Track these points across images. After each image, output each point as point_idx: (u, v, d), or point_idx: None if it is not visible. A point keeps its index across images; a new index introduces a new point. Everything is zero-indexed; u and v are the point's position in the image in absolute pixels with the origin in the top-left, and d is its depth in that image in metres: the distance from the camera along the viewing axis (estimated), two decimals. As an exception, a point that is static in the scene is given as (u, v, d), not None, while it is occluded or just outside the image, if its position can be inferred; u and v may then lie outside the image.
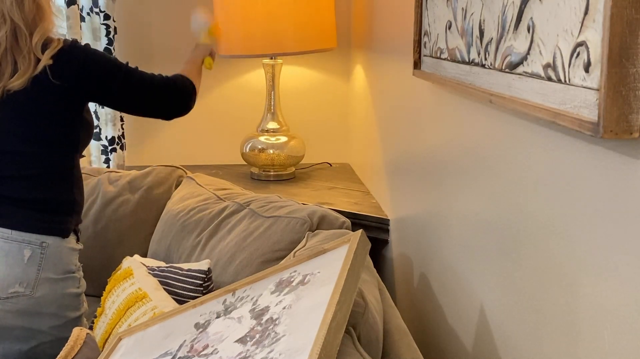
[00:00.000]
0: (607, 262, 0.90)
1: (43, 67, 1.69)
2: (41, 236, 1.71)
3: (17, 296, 1.69)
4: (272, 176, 2.68)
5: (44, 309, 1.71)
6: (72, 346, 1.47)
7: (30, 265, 1.69)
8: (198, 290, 1.65)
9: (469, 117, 1.42)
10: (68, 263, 1.74)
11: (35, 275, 1.69)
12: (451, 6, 1.42)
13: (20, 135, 1.73)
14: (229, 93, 2.95)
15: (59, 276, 1.72)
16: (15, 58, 1.70)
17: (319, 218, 1.77)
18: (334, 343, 1.01)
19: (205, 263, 1.69)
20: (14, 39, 1.70)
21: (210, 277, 1.68)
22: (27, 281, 1.68)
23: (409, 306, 1.95)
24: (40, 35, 1.71)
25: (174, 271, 1.70)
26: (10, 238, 1.69)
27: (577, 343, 0.98)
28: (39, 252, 1.70)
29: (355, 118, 2.85)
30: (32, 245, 1.70)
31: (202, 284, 1.66)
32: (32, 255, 1.69)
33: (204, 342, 1.21)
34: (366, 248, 1.28)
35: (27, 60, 1.70)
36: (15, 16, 1.69)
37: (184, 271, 1.69)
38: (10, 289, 1.68)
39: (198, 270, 1.67)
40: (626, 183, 0.85)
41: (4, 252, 1.69)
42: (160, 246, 2.04)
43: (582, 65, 0.87)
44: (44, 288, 1.70)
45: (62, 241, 1.74)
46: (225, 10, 2.57)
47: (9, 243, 1.69)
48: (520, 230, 1.16)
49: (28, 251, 1.70)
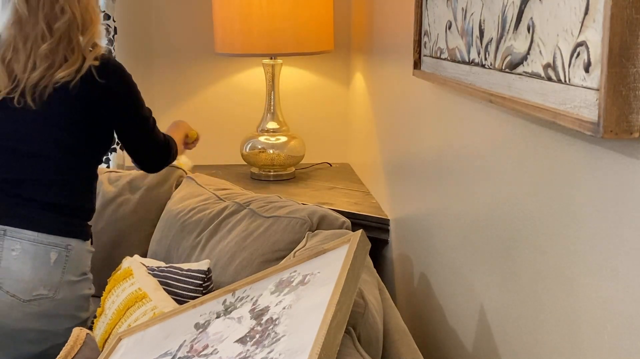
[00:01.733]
0: (607, 262, 0.90)
1: (88, 66, 1.72)
2: (66, 239, 1.72)
3: (40, 298, 1.69)
4: (272, 176, 2.67)
5: (61, 311, 1.72)
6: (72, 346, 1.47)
7: (56, 267, 1.70)
8: (198, 290, 1.65)
9: (469, 117, 1.42)
10: (85, 265, 1.77)
11: (60, 277, 1.70)
12: (451, 6, 1.42)
13: (57, 141, 1.76)
14: (229, 93, 2.95)
15: (78, 278, 1.75)
16: (66, 51, 1.72)
17: (319, 218, 1.77)
18: (334, 343, 1.01)
19: (205, 263, 1.69)
20: (68, 32, 1.73)
21: (210, 277, 1.68)
22: (50, 283, 1.69)
23: (409, 306, 1.95)
24: (90, 36, 1.76)
25: (174, 271, 1.70)
26: (37, 240, 1.70)
27: (577, 343, 0.98)
28: (64, 255, 1.71)
29: (355, 119, 2.85)
30: (58, 248, 1.71)
31: (201, 284, 1.65)
32: (58, 257, 1.71)
33: (203, 342, 1.21)
34: (366, 248, 1.28)
35: (74, 55, 1.73)
36: (76, 10, 1.73)
37: (183, 271, 1.69)
38: (35, 292, 1.69)
39: (198, 270, 1.67)
40: (626, 183, 0.85)
41: (31, 255, 1.69)
42: (160, 246, 2.04)
43: (582, 65, 0.87)
44: (65, 290, 1.71)
45: (83, 244, 1.77)
46: (224, 9, 2.58)
47: (36, 246, 1.70)
48: (520, 229, 1.16)
49: (54, 254, 1.71)
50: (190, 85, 2.93)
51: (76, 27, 1.73)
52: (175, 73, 2.92)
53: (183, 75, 2.92)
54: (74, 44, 1.73)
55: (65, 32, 1.72)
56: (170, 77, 2.92)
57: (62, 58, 1.72)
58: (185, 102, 2.94)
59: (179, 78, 2.92)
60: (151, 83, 2.87)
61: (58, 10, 1.71)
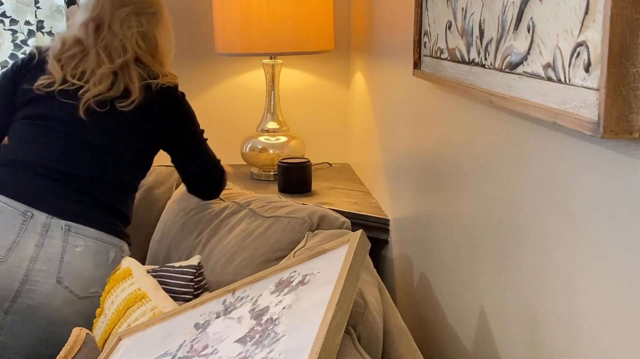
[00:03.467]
0: (607, 262, 0.90)
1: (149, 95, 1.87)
2: (120, 241, 1.80)
3: (94, 296, 1.72)
4: (272, 176, 2.67)
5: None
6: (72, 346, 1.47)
7: (112, 266, 1.74)
8: (189, 285, 1.66)
9: (469, 117, 1.42)
10: None
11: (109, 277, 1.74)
12: (451, 6, 1.42)
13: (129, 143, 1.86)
14: (228, 93, 2.94)
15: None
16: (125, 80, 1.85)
17: (318, 218, 1.77)
18: (334, 343, 1.01)
19: (196, 258, 1.71)
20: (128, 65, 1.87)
21: (201, 273, 1.69)
22: (104, 282, 1.71)
23: (409, 306, 1.95)
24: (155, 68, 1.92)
25: (166, 269, 1.72)
26: (99, 238, 1.75)
27: (577, 343, 0.98)
28: (120, 255, 1.77)
29: (356, 119, 2.85)
30: (115, 248, 1.78)
31: (192, 279, 1.66)
32: (115, 257, 1.76)
33: (203, 342, 1.21)
34: (366, 248, 1.28)
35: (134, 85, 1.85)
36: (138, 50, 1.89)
37: (175, 268, 1.71)
38: (91, 289, 1.73)
39: (188, 266, 1.69)
40: (626, 183, 0.85)
41: (93, 252, 1.74)
42: (161, 247, 2.04)
43: (582, 65, 0.87)
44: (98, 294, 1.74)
45: (127, 247, 1.84)
46: (224, 9, 2.58)
47: (98, 244, 1.75)
48: (520, 229, 1.16)
49: (112, 253, 1.77)
50: (190, 85, 2.92)
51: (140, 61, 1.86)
52: (175, 73, 2.91)
53: (183, 75, 2.89)
54: (133, 75, 1.83)
55: (125, 64, 1.84)
56: (170, 77, 2.91)
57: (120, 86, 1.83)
58: (185, 102, 2.94)
59: (179, 78, 2.92)
60: (151, 83, 2.87)
61: (120, 48, 1.85)
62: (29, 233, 1.71)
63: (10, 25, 2.71)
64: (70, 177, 1.79)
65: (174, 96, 1.89)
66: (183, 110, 1.92)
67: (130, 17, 1.86)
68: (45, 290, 1.69)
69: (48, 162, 1.79)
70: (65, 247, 1.71)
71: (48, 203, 1.74)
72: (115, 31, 1.85)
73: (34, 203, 1.73)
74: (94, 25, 1.85)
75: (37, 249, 1.69)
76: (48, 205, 1.74)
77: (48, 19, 2.67)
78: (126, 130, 1.84)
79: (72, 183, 1.79)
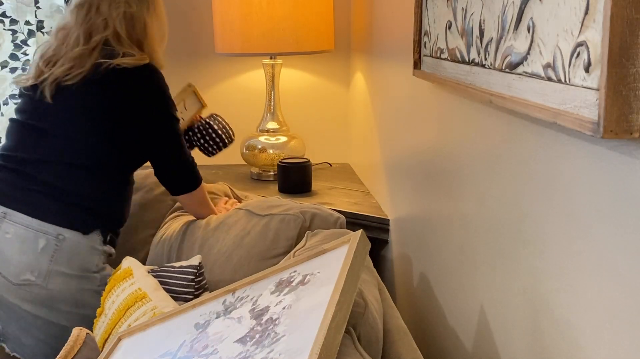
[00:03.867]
0: (607, 262, 0.90)
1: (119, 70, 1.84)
2: (59, 228, 1.75)
3: (29, 284, 1.73)
4: (272, 176, 2.67)
5: (59, 304, 1.76)
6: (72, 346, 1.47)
7: (43, 254, 1.74)
8: (190, 285, 1.66)
9: (469, 117, 1.42)
10: (89, 262, 1.78)
11: (47, 265, 1.74)
12: (451, 6, 1.42)
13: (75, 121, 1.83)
14: (228, 93, 2.94)
15: (76, 272, 1.77)
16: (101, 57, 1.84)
17: (312, 215, 1.80)
18: (334, 343, 1.01)
19: (196, 258, 1.71)
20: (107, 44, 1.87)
21: (202, 272, 1.69)
22: (38, 270, 1.73)
23: (409, 306, 1.95)
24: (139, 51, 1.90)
25: (167, 269, 1.72)
26: (29, 226, 1.75)
27: (577, 343, 0.98)
28: (54, 244, 1.74)
29: (356, 119, 2.85)
30: (48, 236, 1.75)
31: (193, 279, 1.67)
32: (47, 245, 1.74)
33: (203, 342, 1.21)
34: (366, 248, 1.28)
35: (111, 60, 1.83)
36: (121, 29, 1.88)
37: (176, 268, 1.71)
38: (22, 276, 1.73)
39: (189, 266, 1.69)
40: (626, 183, 0.85)
41: (21, 239, 1.74)
42: (161, 247, 2.05)
43: (582, 65, 0.87)
44: (57, 282, 1.74)
45: (83, 238, 1.78)
46: (224, 9, 2.58)
47: (27, 231, 1.75)
48: (520, 229, 1.16)
49: (43, 241, 1.75)
50: (190, 85, 2.93)
51: (117, 40, 1.85)
52: (175, 73, 2.91)
53: (183, 75, 2.91)
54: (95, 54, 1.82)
55: (100, 43, 1.83)
56: (170, 77, 2.89)
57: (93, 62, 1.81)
58: (185, 102, 2.94)
59: (179, 78, 2.91)
60: (151, 83, 2.87)
61: (101, 26, 1.85)
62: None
63: (10, 25, 2.71)
64: (23, 164, 1.82)
65: (127, 76, 1.82)
66: (138, 91, 1.85)
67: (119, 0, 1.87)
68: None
69: (9, 153, 1.86)
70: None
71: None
72: (102, 11, 1.86)
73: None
74: (85, 8, 1.87)
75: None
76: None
77: (48, 19, 2.67)
78: (73, 111, 1.83)
79: (24, 170, 1.81)
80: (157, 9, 1.96)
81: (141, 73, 1.84)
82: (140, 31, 1.90)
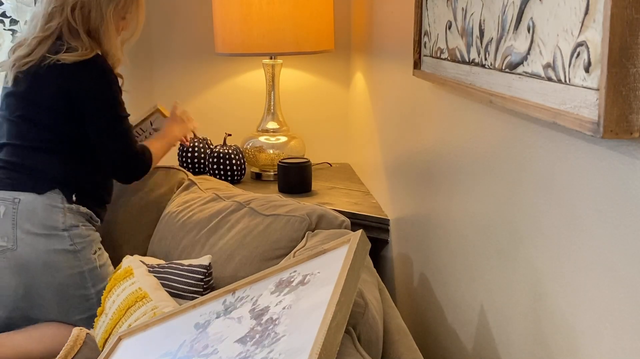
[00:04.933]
0: (607, 262, 0.90)
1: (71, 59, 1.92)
2: (13, 193, 1.88)
3: (4, 249, 1.85)
4: (272, 176, 2.67)
5: (33, 269, 1.85)
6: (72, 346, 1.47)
7: (5, 219, 1.86)
8: (199, 284, 1.65)
9: (469, 117, 1.42)
10: (54, 220, 1.87)
11: (11, 228, 1.85)
12: (451, 6, 1.42)
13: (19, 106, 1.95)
14: (229, 93, 2.94)
15: (43, 231, 1.87)
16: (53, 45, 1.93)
17: (318, 217, 1.78)
18: (334, 343, 1.01)
19: (207, 258, 1.70)
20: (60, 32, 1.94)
21: (210, 272, 1.68)
22: (7, 235, 1.85)
23: (409, 306, 1.95)
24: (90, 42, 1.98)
25: (175, 267, 1.71)
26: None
27: (577, 343, 0.98)
28: (11, 207, 1.86)
29: (355, 119, 2.85)
30: (6, 202, 1.87)
31: (202, 279, 1.66)
32: (6, 210, 1.86)
33: (203, 342, 1.21)
34: (366, 248, 1.28)
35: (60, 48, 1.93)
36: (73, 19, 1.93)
37: (184, 266, 1.70)
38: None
39: (199, 265, 1.68)
40: (626, 183, 0.85)
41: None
42: (160, 247, 2.04)
43: (582, 65, 0.87)
44: (26, 243, 1.85)
45: (40, 198, 1.88)
46: (224, 9, 2.58)
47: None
48: (520, 229, 1.16)
49: (2, 208, 1.87)
50: (190, 85, 2.93)
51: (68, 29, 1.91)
52: (176, 73, 2.92)
53: (183, 75, 2.92)
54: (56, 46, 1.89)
55: (55, 32, 1.91)
56: (170, 77, 2.92)
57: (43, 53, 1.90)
58: (185, 102, 2.93)
59: (179, 78, 2.92)
60: (151, 83, 2.87)
61: (58, 12, 1.91)
62: None
63: (10, 25, 2.71)
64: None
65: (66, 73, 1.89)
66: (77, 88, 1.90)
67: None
68: None
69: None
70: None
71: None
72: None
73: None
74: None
75: None
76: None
77: (48, 19, 2.67)
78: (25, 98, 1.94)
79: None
80: (122, 6, 1.97)
81: (80, 70, 1.89)
82: (95, 21, 1.93)
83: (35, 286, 1.87)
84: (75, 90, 1.89)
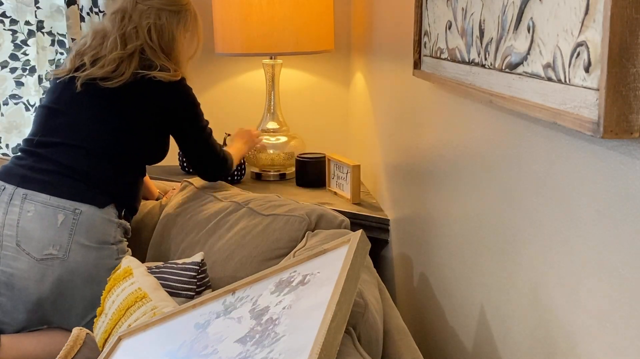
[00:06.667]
0: (607, 262, 0.90)
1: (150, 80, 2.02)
2: (76, 203, 1.87)
3: (52, 258, 1.83)
4: (272, 176, 2.67)
5: (76, 278, 1.84)
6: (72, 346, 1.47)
7: (62, 228, 1.85)
8: (192, 281, 1.66)
9: (469, 117, 1.42)
10: (106, 234, 1.89)
11: (68, 238, 1.84)
12: (451, 6, 1.42)
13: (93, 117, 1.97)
14: (228, 93, 2.94)
15: (94, 244, 1.86)
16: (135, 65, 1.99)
17: (317, 217, 1.78)
18: (334, 343, 1.01)
19: (199, 255, 1.71)
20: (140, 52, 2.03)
21: (204, 269, 1.69)
22: (60, 244, 1.84)
23: (409, 306, 1.95)
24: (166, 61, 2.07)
25: (169, 266, 1.72)
26: (47, 203, 1.86)
27: (577, 343, 0.98)
28: (72, 218, 1.85)
29: (355, 119, 2.85)
30: (65, 211, 1.86)
31: (195, 276, 1.67)
32: (65, 219, 1.85)
33: (203, 342, 1.21)
34: (366, 248, 1.28)
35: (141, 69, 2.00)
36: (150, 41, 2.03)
37: (178, 265, 1.71)
38: (45, 251, 1.84)
39: (192, 262, 1.69)
40: (626, 183, 0.85)
41: (41, 216, 1.85)
42: (160, 249, 2.04)
43: (582, 65, 0.87)
44: (77, 253, 1.84)
45: (98, 211, 1.89)
46: (224, 9, 2.58)
47: (46, 208, 1.86)
48: (520, 229, 1.16)
49: (62, 216, 1.86)
50: (191, 85, 2.92)
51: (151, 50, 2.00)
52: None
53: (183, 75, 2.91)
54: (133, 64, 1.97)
55: (134, 52, 1.98)
56: (170, 77, 2.91)
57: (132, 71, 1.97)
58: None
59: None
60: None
61: (133, 34, 2.00)
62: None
63: (10, 25, 2.70)
64: (41, 146, 1.95)
65: (163, 88, 1.98)
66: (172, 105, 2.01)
67: (150, 10, 2.02)
68: (10, 253, 1.84)
69: (31, 137, 2.00)
70: (21, 213, 1.86)
71: (18, 176, 1.91)
72: (134, 19, 2.00)
73: (8, 179, 1.92)
74: (120, 15, 2.03)
75: (3, 216, 1.87)
76: (18, 177, 1.91)
77: (48, 19, 2.66)
78: (104, 105, 1.96)
79: (42, 152, 1.94)
80: (187, 24, 2.09)
81: (176, 88, 2.00)
82: (167, 43, 2.04)
83: (70, 296, 1.85)
84: (171, 108, 1.99)
